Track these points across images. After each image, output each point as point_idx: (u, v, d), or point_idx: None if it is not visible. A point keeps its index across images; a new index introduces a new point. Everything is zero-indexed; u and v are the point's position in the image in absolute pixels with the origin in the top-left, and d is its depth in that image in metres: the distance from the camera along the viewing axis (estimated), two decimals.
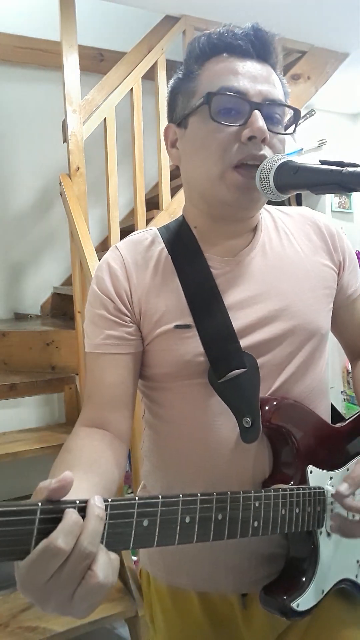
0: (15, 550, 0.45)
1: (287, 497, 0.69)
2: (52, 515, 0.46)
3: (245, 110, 0.70)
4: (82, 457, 0.68)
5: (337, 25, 2.60)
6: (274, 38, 0.74)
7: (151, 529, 0.53)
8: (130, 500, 0.52)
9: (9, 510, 0.44)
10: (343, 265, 0.86)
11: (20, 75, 3.18)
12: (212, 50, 0.74)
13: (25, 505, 0.45)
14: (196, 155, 0.75)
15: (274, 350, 0.77)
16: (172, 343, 0.76)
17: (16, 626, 1.62)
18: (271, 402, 0.75)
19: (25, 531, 0.45)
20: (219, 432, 0.76)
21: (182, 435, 0.79)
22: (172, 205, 2.59)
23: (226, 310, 0.76)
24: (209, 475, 0.77)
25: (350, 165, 0.63)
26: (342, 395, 3.57)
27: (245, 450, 0.76)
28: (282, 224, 0.86)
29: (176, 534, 0.55)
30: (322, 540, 0.75)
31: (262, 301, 0.78)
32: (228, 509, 0.61)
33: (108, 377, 0.77)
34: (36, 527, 0.45)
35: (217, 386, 0.74)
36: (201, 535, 0.58)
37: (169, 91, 0.81)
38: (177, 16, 2.54)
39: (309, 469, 0.75)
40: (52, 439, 2.18)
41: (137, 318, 0.78)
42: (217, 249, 0.79)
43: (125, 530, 0.51)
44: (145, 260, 0.79)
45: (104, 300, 0.78)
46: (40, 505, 0.46)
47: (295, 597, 0.71)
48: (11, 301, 3.27)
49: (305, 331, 0.79)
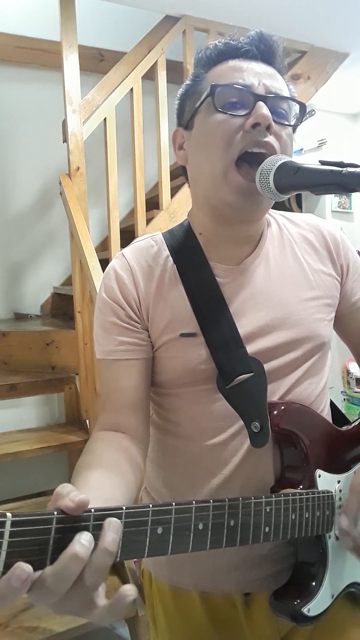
0: (32, 561, 0.44)
1: (297, 502, 0.68)
2: (68, 525, 0.46)
3: (250, 101, 0.70)
4: (102, 457, 0.69)
5: (337, 25, 2.60)
6: (280, 44, 0.75)
7: (165, 536, 0.53)
8: (144, 508, 0.51)
9: (26, 520, 0.43)
10: (347, 272, 0.86)
11: (20, 75, 3.18)
12: (219, 57, 0.75)
13: (41, 515, 0.45)
14: (201, 151, 0.75)
15: (276, 358, 0.78)
16: (178, 351, 0.76)
17: (16, 626, 1.62)
18: (279, 406, 0.75)
19: (41, 541, 0.44)
20: (226, 437, 0.76)
21: (190, 440, 0.79)
22: (172, 205, 2.59)
23: (232, 317, 0.76)
24: (216, 480, 0.77)
25: (350, 166, 0.63)
26: (342, 395, 3.57)
27: (253, 454, 0.76)
28: (286, 231, 0.86)
29: (190, 541, 0.55)
30: (331, 544, 0.75)
31: (264, 309, 0.78)
32: (240, 515, 0.60)
33: (123, 383, 0.78)
34: (52, 537, 0.45)
35: (225, 392, 0.74)
36: (214, 542, 0.57)
37: (178, 99, 0.81)
38: (177, 16, 2.54)
39: (317, 472, 0.75)
40: (52, 439, 2.18)
41: (146, 324, 0.78)
42: (222, 256, 0.79)
43: (139, 538, 0.51)
44: (151, 268, 0.79)
45: (115, 307, 0.78)
46: (56, 514, 0.45)
47: (306, 602, 0.71)
48: (11, 301, 3.27)
49: (308, 340, 0.79)
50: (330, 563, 0.74)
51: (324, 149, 3.42)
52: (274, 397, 0.77)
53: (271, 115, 0.69)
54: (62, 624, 1.61)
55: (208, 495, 0.77)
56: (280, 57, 0.76)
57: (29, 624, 1.62)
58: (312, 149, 3.45)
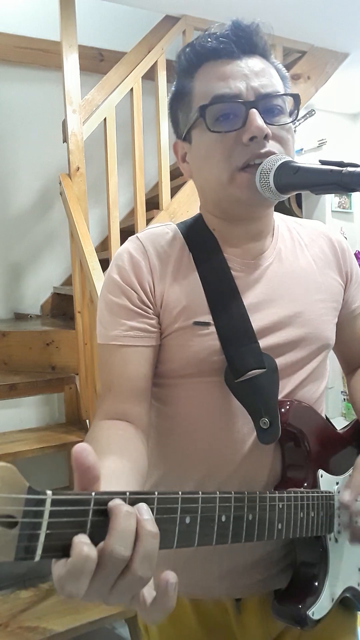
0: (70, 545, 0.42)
1: (304, 500, 0.68)
2: (105, 507, 0.44)
3: (242, 111, 0.70)
4: (110, 444, 0.66)
5: (337, 25, 2.60)
6: (257, 28, 0.73)
7: (192, 527, 0.51)
8: (174, 495, 0.50)
9: (66, 499, 0.42)
10: (350, 279, 0.87)
11: (20, 75, 3.18)
12: (199, 59, 0.74)
13: (79, 495, 0.43)
14: (204, 165, 0.75)
15: (286, 354, 0.77)
16: (189, 339, 0.74)
17: (16, 626, 1.62)
18: (287, 403, 0.75)
19: (80, 523, 0.42)
20: (232, 433, 0.76)
21: (191, 435, 0.78)
22: (172, 205, 2.59)
23: (246, 310, 0.75)
24: (216, 477, 0.76)
25: (350, 166, 0.63)
26: (342, 395, 3.58)
27: (254, 452, 0.75)
28: (296, 234, 0.86)
29: (214, 532, 0.54)
30: (331, 547, 0.74)
31: (276, 306, 0.78)
32: (257, 509, 0.60)
33: (130, 370, 0.74)
34: (90, 519, 0.43)
35: (233, 386, 0.73)
36: (235, 535, 0.56)
37: (169, 107, 0.81)
38: (177, 16, 2.55)
39: (319, 473, 0.75)
40: (52, 439, 2.18)
41: (158, 310, 0.76)
42: (237, 250, 0.79)
43: (169, 527, 0.49)
44: (167, 253, 0.77)
45: (127, 290, 0.75)
46: (94, 495, 0.44)
47: (310, 605, 0.70)
48: (11, 301, 3.27)
49: (316, 340, 0.80)
50: (331, 565, 0.74)
51: (324, 149, 3.43)
52: (280, 395, 0.77)
53: (266, 119, 0.69)
54: (62, 624, 1.61)
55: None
56: (261, 41, 0.74)
57: (29, 624, 1.62)
58: (312, 149, 3.45)
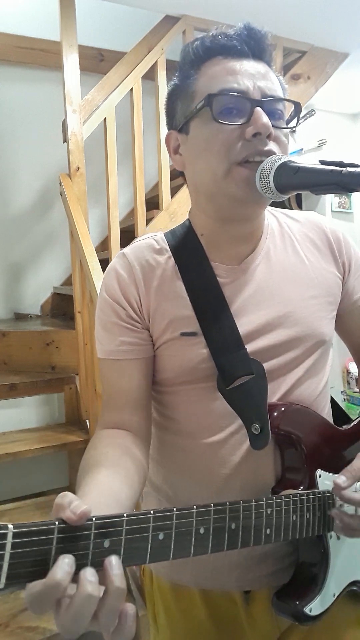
0: (35, 571, 0.44)
1: (297, 503, 0.68)
2: (70, 534, 0.46)
3: (247, 108, 0.70)
4: (108, 454, 0.70)
5: (337, 25, 2.60)
6: (267, 36, 0.74)
7: (167, 542, 0.53)
8: (145, 515, 0.52)
9: (27, 531, 0.44)
10: (348, 270, 0.86)
11: (20, 75, 3.18)
12: (207, 53, 0.74)
13: (42, 525, 0.45)
14: (200, 157, 0.74)
15: (278, 356, 0.78)
16: (178, 349, 0.77)
17: (16, 626, 1.62)
18: (279, 408, 0.75)
19: (44, 551, 0.44)
20: (226, 437, 0.77)
21: (190, 438, 0.79)
22: (172, 205, 2.59)
23: (233, 318, 0.76)
24: (216, 479, 0.77)
25: (350, 166, 0.63)
26: (342, 395, 3.57)
27: (253, 454, 0.76)
28: (287, 229, 0.85)
29: (191, 545, 0.55)
30: (333, 544, 0.75)
31: (265, 308, 0.78)
32: (241, 518, 0.61)
33: (125, 383, 0.79)
34: (54, 547, 0.45)
35: (225, 393, 0.75)
36: (215, 545, 0.58)
37: (167, 98, 0.80)
38: (177, 16, 2.55)
39: (317, 473, 0.75)
40: (52, 439, 2.18)
41: (147, 323, 0.78)
42: (223, 256, 0.79)
43: (141, 545, 0.51)
44: (152, 267, 0.79)
45: (115, 307, 0.78)
46: (57, 524, 0.46)
47: (308, 602, 0.71)
48: (11, 301, 3.27)
49: (310, 338, 0.79)
50: (332, 563, 0.74)
51: (324, 149, 3.42)
52: (275, 396, 0.77)
53: (270, 121, 0.69)
54: None
55: (209, 494, 0.77)
56: (269, 49, 0.74)
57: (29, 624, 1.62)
58: (312, 149, 3.45)
